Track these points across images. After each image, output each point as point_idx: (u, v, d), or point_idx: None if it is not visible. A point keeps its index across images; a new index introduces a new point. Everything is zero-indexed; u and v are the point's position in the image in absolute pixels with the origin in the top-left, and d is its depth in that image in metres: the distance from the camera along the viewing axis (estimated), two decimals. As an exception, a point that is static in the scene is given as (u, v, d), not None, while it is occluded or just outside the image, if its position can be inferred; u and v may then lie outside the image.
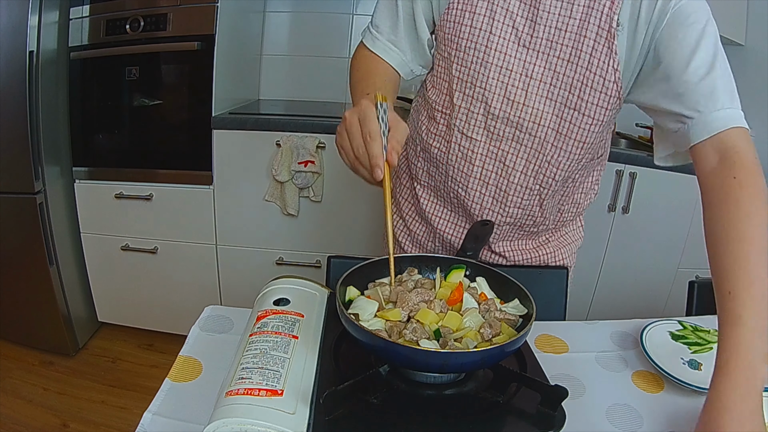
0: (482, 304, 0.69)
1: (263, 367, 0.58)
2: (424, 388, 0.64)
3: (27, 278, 1.95)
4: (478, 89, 0.88)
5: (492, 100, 0.87)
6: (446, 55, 0.90)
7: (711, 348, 0.83)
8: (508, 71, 0.85)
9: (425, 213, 1.04)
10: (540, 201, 0.95)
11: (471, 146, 0.92)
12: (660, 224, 2.04)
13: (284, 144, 1.88)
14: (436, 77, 0.95)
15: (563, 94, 0.84)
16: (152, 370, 2.05)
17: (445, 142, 0.95)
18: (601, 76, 0.80)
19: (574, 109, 0.84)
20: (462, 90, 0.90)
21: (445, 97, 0.93)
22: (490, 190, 0.94)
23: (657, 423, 0.67)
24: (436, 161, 0.98)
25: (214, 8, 1.81)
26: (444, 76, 0.92)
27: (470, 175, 0.94)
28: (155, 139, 2.00)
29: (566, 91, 0.83)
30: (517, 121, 0.87)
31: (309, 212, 2.01)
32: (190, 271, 2.09)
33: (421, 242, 1.08)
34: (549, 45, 0.83)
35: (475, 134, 0.91)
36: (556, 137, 0.87)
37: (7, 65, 1.71)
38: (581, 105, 0.83)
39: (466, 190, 0.95)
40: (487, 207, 0.95)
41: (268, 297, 0.72)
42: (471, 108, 0.90)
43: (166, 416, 0.61)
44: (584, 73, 0.81)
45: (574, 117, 0.84)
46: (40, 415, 1.75)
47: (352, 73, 0.97)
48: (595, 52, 0.80)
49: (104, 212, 2.03)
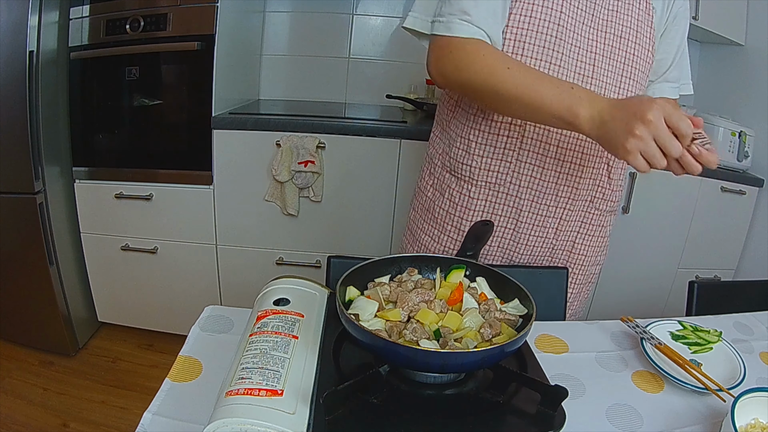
0: (482, 304, 0.69)
1: (263, 367, 0.58)
2: (424, 388, 0.64)
3: (27, 278, 1.95)
4: (553, 66, 0.90)
5: (566, 77, 0.91)
6: (516, 36, 0.90)
7: (711, 348, 0.83)
8: (578, 48, 0.91)
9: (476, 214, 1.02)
10: (608, 171, 1.01)
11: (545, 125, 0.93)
12: (660, 224, 2.05)
13: (284, 144, 1.88)
14: None
15: (621, 67, 0.94)
16: (152, 370, 2.05)
17: (517, 127, 0.95)
18: (647, 49, 0.96)
19: (630, 78, 0.95)
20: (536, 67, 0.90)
21: None
22: (565, 168, 0.97)
23: (657, 423, 0.67)
24: (503, 151, 0.97)
25: (214, 8, 1.81)
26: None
27: (546, 155, 0.95)
28: (155, 139, 2.00)
29: (623, 63, 0.94)
30: None
31: (309, 212, 2.01)
32: (190, 271, 2.09)
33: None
34: (606, 24, 0.92)
35: None
36: None
37: (7, 65, 1.71)
38: (637, 75, 0.96)
39: (542, 171, 0.97)
40: (563, 184, 0.98)
41: (268, 297, 0.72)
42: None
43: (166, 416, 0.61)
44: (636, 48, 0.94)
45: (630, 86, 0.96)
46: (40, 415, 1.75)
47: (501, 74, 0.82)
48: (640, 29, 0.94)
49: (104, 212, 2.03)
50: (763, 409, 0.63)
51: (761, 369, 0.81)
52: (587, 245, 1.08)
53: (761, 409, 0.63)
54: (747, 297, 1.14)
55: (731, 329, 0.92)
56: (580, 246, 1.07)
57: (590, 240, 1.08)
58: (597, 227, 1.08)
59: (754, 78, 2.12)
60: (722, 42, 2.21)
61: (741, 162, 2.02)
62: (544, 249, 1.05)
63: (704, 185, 2.00)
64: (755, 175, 2.06)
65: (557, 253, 1.06)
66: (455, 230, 1.05)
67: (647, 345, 0.80)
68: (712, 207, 2.03)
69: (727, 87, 2.28)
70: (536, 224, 1.01)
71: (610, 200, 1.06)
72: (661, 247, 2.08)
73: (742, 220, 2.10)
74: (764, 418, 0.63)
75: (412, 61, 2.38)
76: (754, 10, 2.11)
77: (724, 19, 2.11)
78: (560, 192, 0.99)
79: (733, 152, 2.01)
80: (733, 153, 2.02)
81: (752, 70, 2.13)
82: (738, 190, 2.02)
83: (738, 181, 2.02)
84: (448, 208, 1.05)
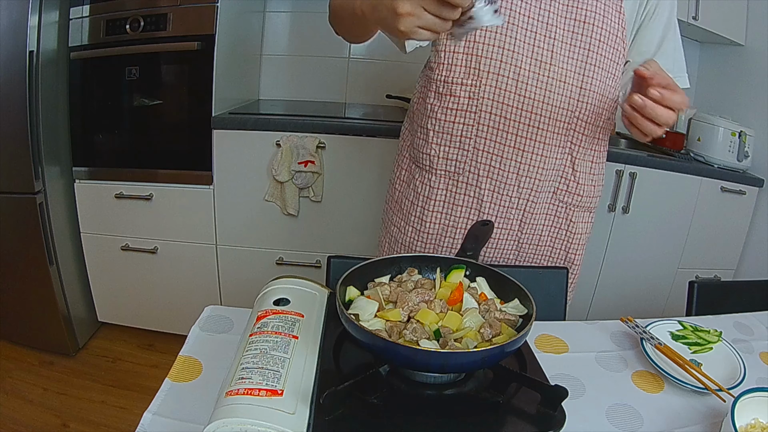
0: (482, 304, 0.69)
1: (263, 367, 0.58)
2: (424, 388, 0.64)
3: (27, 278, 1.95)
4: (507, 51, 0.90)
5: (521, 62, 0.90)
6: None
7: (711, 348, 0.83)
8: (533, 33, 0.90)
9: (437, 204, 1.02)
10: (572, 162, 0.99)
11: (502, 112, 0.93)
12: (660, 224, 2.05)
13: (284, 144, 1.88)
14: (447, 52, 0.94)
15: (583, 52, 0.92)
16: (152, 370, 2.05)
17: (472, 114, 0.94)
18: (614, 34, 0.93)
19: (596, 66, 0.93)
20: (489, 55, 0.90)
21: (464, 69, 0.93)
22: (525, 158, 0.95)
23: (657, 423, 0.67)
24: (459, 139, 0.97)
25: (214, 8, 1.81)
26: (461, 47, 0.92)
27: (504, 143, 0.95)
28: (155, 139, 2.00)
29: (586, 50, 0.92)
30: (546, 80, 0.91)
31: (309, 212, 2.01)
32: (190, 271, 2.09)
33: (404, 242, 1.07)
34: (566, 9, 0.90)
35: (507, 99, 0.92)
36: (580, 93, 0.93)
37: (7, 65, 1.71)
38: (602, 61, 0.93)
39: (500, 160, 0.96)
40: (524, 175, 0.97)
41: (268, 297, 0.72)
42: (500, 72, 0.91)
43: (166, 416, 0.61)
44: (602, 34, 0.92)
45: (596, 73, 0.93)
46: (40, 415, 1.75)
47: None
48: (606, 13, 0.91)
49: (104, 212, 2.03)
50: (763, 409, 0.63)
51: (761, 369, 0.81)
52: (555, 239, 1.07)
53: (761, 409, 0.63)
54: (747, 297, 1.14)
55: (731, 329, 0.92)
56: (547, 240, 1.06)
57: (559, 235, 1.07)
58: (566, 222, 1.06)
59: (754, 78, 2.12)
60: (722, 42, 2.21)
61: (741, 162, 2.02)
62: (509, 242, 1.04)
63: (704, 185, 2.00)
64: (755, 175, 2.06)
65: (524, 247, 1.06)
66: (419, 221, 1.05)
67: (647, 345, 0.80)
68: (712, 207, 2.03)
69: (727, 87, 2.28)
70: (500, 216, 1.01)
71: (577, 194, 1.04)
72: (661, 247, 2.08)
73: (742, 220, 2.10)
74: (764, 418, 0.63)
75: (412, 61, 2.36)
76: (754, 10, 2.11)
77: (724, 19, 2.11)
78: (522, 183, 0.98)
79: (733, 152, 2.02)
80: (733, 153, 2.02)
81: (752, 70, 2.14)
82: (738, 190, 2.02)
83: (738, 181, 2.02)
84: (413, 199, 1.05)
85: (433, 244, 1.06)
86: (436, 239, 1.05)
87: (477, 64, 0.92)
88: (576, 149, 0.98)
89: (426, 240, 1.06)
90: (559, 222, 1.06)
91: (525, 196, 0.99)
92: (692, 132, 2.18)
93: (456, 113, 0.96)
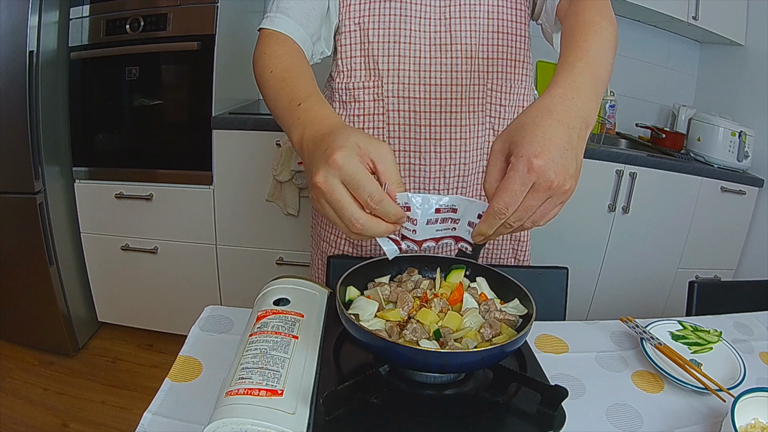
0: (482, 305, 0.69)
1: (263, 367, 0.58)
2: (424, 388, 0.64)
3: (27, 278, 1.95)
4: (404, 45, 0.87)
5: (420, 51, 0.88)
6: (358, 24, 0.88)
7: (711, 348, 0.83)
8: (428, 19, 0.87)
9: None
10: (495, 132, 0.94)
11: (410, 107, 0.90)
12: (660, 224, 2.05)
13: (284, 144, 1.88)
14: (345, 58, 0.91)
15: (484, 21, 0.88)
16: (152, 370, 2.05)
17: (380, 117, 0.92)
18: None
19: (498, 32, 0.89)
20: (386, 53, 0.88)
21: (364, 72, 0.91)
22: (444, 146, 0.92)
23: (657, 423, 0.67)
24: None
25: (214, 8, 1.81)
26: (356, 51, 0.90)
27: (419, 138, 0.92)
28: (155, 139, 2.00)
29: (486, 18, 0.88)
30: (449, 62, 0.88)
31: (309, 212, 2.00)
32: (190, 271, 2.09)
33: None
34: None
35: (412, 92, 0.90)
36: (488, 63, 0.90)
37: (7, 65, 1.71)
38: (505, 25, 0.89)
39: (419, 155, 0.93)
40: (448, 163, 0.93)
41: (268, 297, 0.72)
42: (401, 67, 0.89)
43: (166, 416, 0.61)
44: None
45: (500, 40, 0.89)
46: (40, 415, 1.75)
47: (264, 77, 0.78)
48: None
49: (104, 212, 2.03)
50: (763, 409, 0.63)
51: (761, 369, 0.81)
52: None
53: (761, 409, 0.63)
54: (747, 297, 1.14)
55: (731, 329, 0.92)
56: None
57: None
58: None
59: (754, 78, 2.12)
60: (722, 42, 2.21)
61: (741, 162, 2.02)
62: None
63: (704, 185, 2.00)
64: (755, 175, 2.06)
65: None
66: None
67: (647, 345, 0.80)
68: (712, 207, 2.03)
69: (727, 87, 2.28)
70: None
71: None
72: (661, 247, 2.08)
73: (742, 220, 2.10)
74: (764, 418, 0.63)
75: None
76: (754, 10, 2.11)
77: (724, 19, 2.11)
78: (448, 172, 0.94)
79: (733, 152, 2.02)
80: (733, 153, 2.02)
81: (752, 70, 2.14)
82: (738, 190, 2.02)
83: (738, 181, 2.02)
84: None
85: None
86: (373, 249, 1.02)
87: (376, 65, 0.90)
88: (495, 120, 0.94)
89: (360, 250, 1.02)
90: None
91: (455, 185, 0.96)
92: (692, 132, 2.18)
93: (364, 119, 0.93)
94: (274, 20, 0.85)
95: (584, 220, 1.98)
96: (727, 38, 2.14)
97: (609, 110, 2.25)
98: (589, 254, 2.06)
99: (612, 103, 2.25)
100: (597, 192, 1.96)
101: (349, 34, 0.90)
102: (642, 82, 2.44)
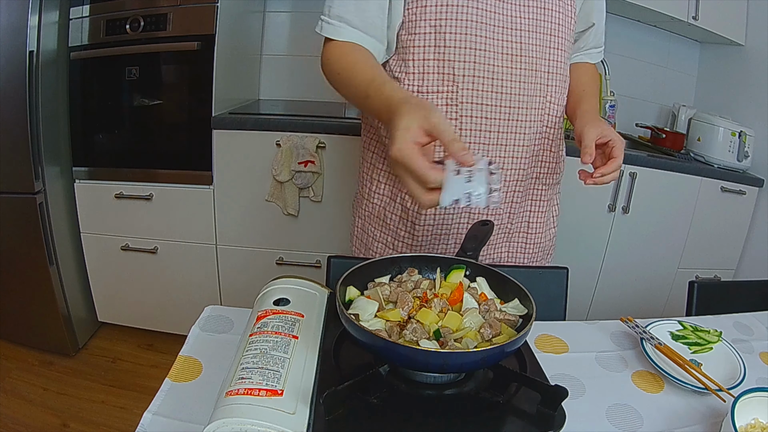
0: (482, 305, 0.69)
1: (263, 367, 0.58)
2: (424, 388, 0.64)
3: (27, 278, 1.95)
4: (479, 52, 0.89)
5: (494, 60, 0.90)
6: (434, 27, 0.88)
7: (711, 348, 0.83)
8: (502, 27, 0.90)
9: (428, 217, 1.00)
10: (550, 144, 1.01)
11: (482, 113, 0.92)
12: (660, 224, 2.05)
13: (284, 144, 1.88)
14: (416, 60, 0.92)
15: (547, 38, 0.94)
16: (152, 370, 2.05)
17: (453, 122, 0.93)
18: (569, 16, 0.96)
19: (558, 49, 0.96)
20: (463, 59, 0.89)
21: (436, 76, 0.91)
22: (507, 151, 0.96)
23: (657, 423, 0.67)
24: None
25: (214, 8, 1.81)
26: (430, 53, 0.90)
27: (488, 143, 0.94)
28: (155, 139, 2.00)
29: (550, 36, 0.94)
30: (519, 73, 0.91)
31: (309, 212, 2.01)
32: (190, 271, 2.09)
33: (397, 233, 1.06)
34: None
35: (485, 99, 0.91)
36: (548, 77, 0.95)
37: (7, 65, 1.71)
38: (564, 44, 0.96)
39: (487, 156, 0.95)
40: (508, 168, 0.97)
41: (268, 297, 0.72)
42: (476, 74, 0.90)
43: (166, 416, 0.61)
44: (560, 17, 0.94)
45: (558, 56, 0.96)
46: (40, 415, 1.75)
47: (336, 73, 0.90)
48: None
49: (104, 212, 2.03)
50: (763, 409, 0.63)
51: (761, 369, 0.81)
52: (541, 222, 1.09)
53: (761, 409, 0.63)
54: (747, 297, 1.14)
55: (731, 329, 0.92)
56: (535, 224, 1.08)
57: (543, 217, 1.09)
58: (546, 203, 1.08)
59: (754, 78, 2.12)
60: (722, 42, 2.21)
61: (741, 162, 2.02)
62: (500, 236, 1.04)
63: (704, 185, 2.00)
64: (755, 175, 2.06)
65: (514, 237, 1.07)
66: (409, 236, 1.03)
67: (647, 345, 0.80)
68: (712, 207, 2.03)
69: (727, 87, 2.28)
70: (490, 212, 1.00)
71: (555, 173, 1.07)
72: (661, 247, 2.08)
73: (742, 220, 2.10)
74: (764, 418, 0.63)
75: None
76: (754, 10, 2.11)
77: (724, 19, 2.11)
78: (507, 176, 0.98)
79: (733, 152, 2.02)
80: (733, 153, 2.02)
81: (752, 70, 2.14)
82: (738, 190, 2.02)
83: (738, 181, 2.02)
84: (401, 214, 1.02)
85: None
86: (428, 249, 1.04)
87: (452, 70, 0.90)
88: (549, 130, 1.00)
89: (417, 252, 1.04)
90: (544, 205, 1.08)
91: (512, 188, 1.00)
92: (692, 132, 2.18)
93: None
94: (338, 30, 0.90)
95: (584, 220, 1.98)
96: (727, 38, 2.14)
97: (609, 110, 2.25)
98: (589, 254, 2.06)
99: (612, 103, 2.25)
100: (597, 192, 1.96)
101: (423, 36, 0.90)
102: (642, 82, 2.44)
